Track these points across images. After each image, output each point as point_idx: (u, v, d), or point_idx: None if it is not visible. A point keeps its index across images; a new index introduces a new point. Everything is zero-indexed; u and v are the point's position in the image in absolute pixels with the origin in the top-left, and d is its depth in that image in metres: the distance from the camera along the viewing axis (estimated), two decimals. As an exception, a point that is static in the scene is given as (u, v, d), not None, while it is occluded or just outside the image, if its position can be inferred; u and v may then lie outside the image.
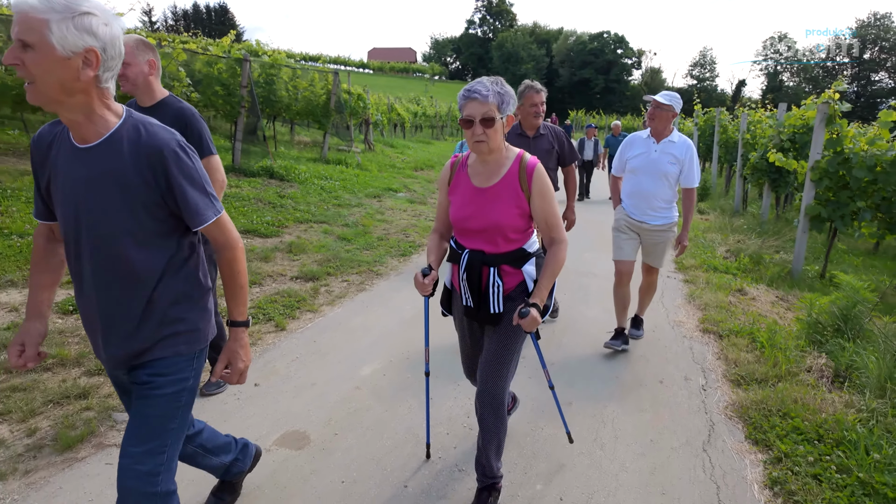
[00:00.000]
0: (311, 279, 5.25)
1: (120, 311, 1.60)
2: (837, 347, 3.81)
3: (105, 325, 1.62)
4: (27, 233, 5.15)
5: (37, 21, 1.33)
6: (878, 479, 2.46)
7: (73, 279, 1.66)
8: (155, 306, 1.62)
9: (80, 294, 1.64)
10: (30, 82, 1.40)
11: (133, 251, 1.56)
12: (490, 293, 2.17)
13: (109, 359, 1.66)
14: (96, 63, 1.41)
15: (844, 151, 6.22)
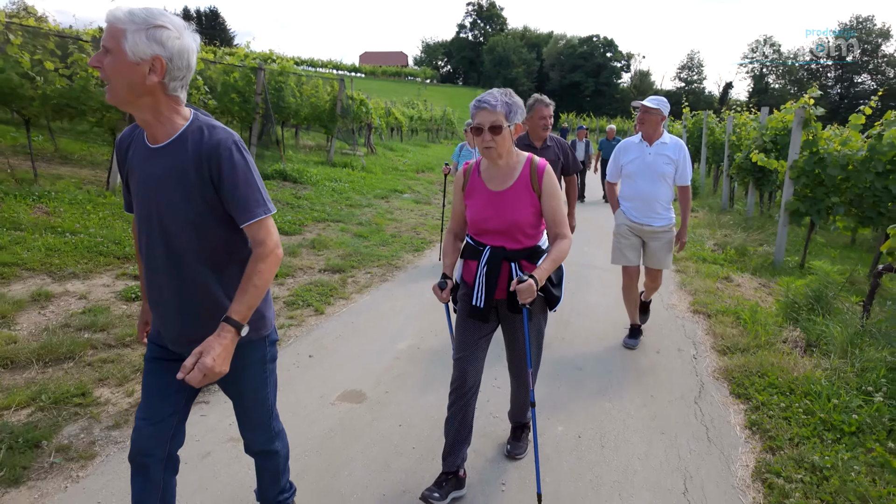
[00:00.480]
0: (337, 271, 5.75)
1: (188, 299, 1.71)
2: (810, 322, 4.39)
3: (179, 315, 1.73)
4: (77, 231, 5.62)
5: (117, 30, 1.49)
6: (836, 418, 3.01)
7: (145, 267, 1.78)
8: (221, 294, 1.72)
9: (153, 284, 1.76)
10: (107, 83, 1.56)
11: (195, 244, 1.67)
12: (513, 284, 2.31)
13: (182, 344, 1.75)
14: (161, 70, 1.53)
15: (819, 152, 6.83)
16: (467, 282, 2.46)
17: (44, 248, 5.05)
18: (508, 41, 72.99)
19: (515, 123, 2.25)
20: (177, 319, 1.74)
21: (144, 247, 1.72)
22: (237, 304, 1.59)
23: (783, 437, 2.94)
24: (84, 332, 3.81)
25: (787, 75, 69.91)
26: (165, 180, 1.63)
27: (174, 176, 1.62)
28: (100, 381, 3.26)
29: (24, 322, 3.87)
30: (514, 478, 2.59)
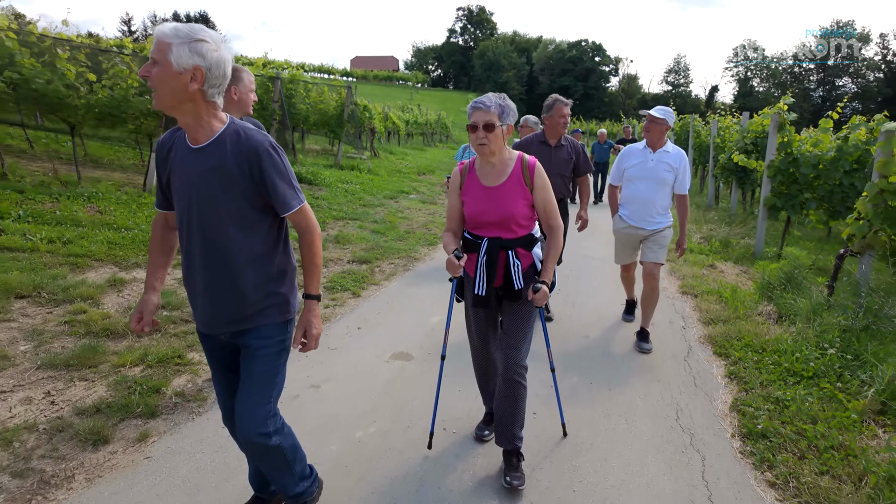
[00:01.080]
0: (364, 262, 6.40)
1: (225, 286, 1.87)
2: (782, 298, 5.11)
3: (211, 298, 1.89)
4: (130, 227, 6.23)
5: (164, 44, 1.67)
6: (797, 367, 3.72)
7: (183, 259, 1.93)
8: (254, 282, 1.89)
9: (190, 271, 1.93)
10: (154, 91, 1.73)
11: (235, 233, 1.83)
12: (512, 273, 2.50)
13: (214, 325, 1.93)
14: (201, 79, 1.70)
15: (793, 152, 7.59)
16: (470, 274, 2.63)
17: (105, 242, 5.66)
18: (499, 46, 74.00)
19: (507, 124, 2.46)
20: (210, 304, 1.90)
21: (185, 239, 1.89)
22: (309, 283, 1.96)
23: (755, 381, 3.64)
24: (160, 310, 4.43)
25: (771, 79, 71.48)
26: (206, 177, 1.79)
27: (215, 173, 1.79)
28: (188, 347, 3.89)
29: (108, 302, 4.49)
30: (542, 411, 3.25)
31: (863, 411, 3.14)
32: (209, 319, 1.94)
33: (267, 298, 1.92)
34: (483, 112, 2.40)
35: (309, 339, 1.95)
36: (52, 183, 7.31)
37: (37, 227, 5.69)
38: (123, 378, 3.35)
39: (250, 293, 1.89)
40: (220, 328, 1.93)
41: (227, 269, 1.86)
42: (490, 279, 2.52)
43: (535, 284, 2.44)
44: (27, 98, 7.01)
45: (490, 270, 2.51)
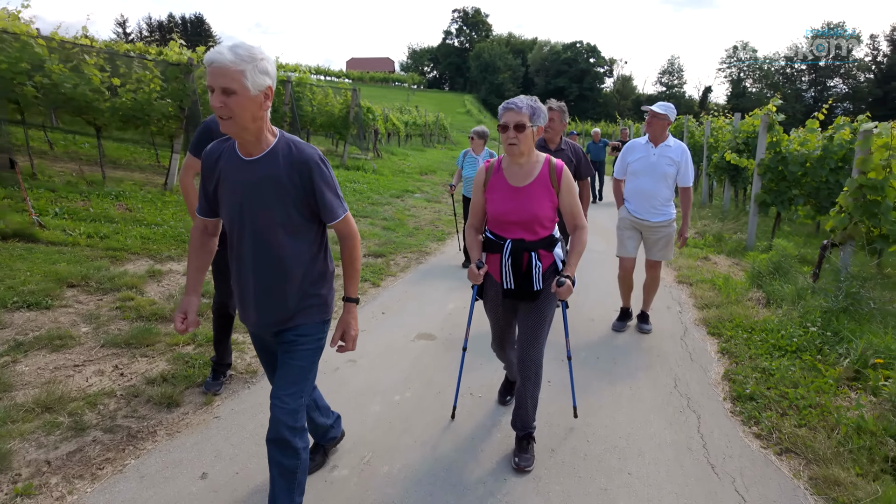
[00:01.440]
0: (379, 256, 6.79)
1: (272, 288, 1.97)
2: (770, 285, 5.53)
3: (259, 299, 1.99)
4: (159, 223, 6.60)
5: (236, 72, 1.70)
6: (782, 343, 4.15)
7: (233, 262, 2.03)
8: (299, 284, 1.99)
9: (239, 274, 2.03)
10: (227, 118, 1.75)
11: (284, 239, 1.93)
12: (532, 273, 2.57)
13: (261, 324, 2.04)
14: (271, 96, 1.82)
15: (782, 151, 8.04)
16: (494, 276, 2.69)
17: (139, 237, 6.03)
18: (494, 47, 74.50)
19: (538, 126, 2.52)
20: (260, 305, 2.00)
21: (235, 244, 1.98)
22: (349, 286, 2.08)
23: (744, 355, 4.06)
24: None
25: (764, 79, 72.25)
26: (260, 187, 1.88)
27: (268, 183, 1.87)
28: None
29: (151, 291, 4.87)
30: (556, 380, 3.66)
31: (838, 378, 3.56)
32: (257, 320, 2.04)
33: (309, 299, 2.03)
34: (515, 113, 2.47)
35: (347, 340, 2.07)
36: (79, 182, 7.66)
37: (74, 224, 6.06)
38: (179, 355, 3.73)
39: (295, 294, 2.00)
40: (267, 328, 2.05)
41: (277, 272, 1.96)
42: (517, 276, 2.61)
43: (560, 278, 2.49)
44: (56, 102, 7.37)
45: (516, 270, 2.59)
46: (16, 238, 5.37)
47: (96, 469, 2.56)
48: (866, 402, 3.21)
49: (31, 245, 5.32)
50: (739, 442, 2.99)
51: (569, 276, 2.51)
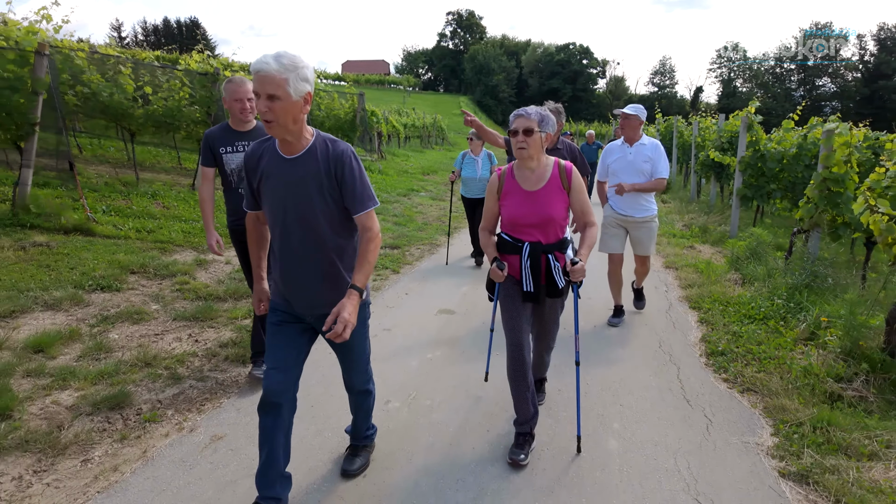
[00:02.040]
0: (395, 248, 7.46)
1: (316, 274, 2.15)
2: (746, 268, 6.24)
3: (304, 284, 2.17)
4: (195, 219, 7.24)
5: (280, 80, 1.86)
6: (752, 312, 4.85)
7: (279, 252, 2.19)
8: (339, 270, 2.17)
9: (284, 263, 2.19)
10: (270, 121, 1.92)
11: (326, 230, 2.10)
12: (554, 274, 2.72)
13: (307, 307, 2.22)
14: (310, 100, 1.97)
15: (761, 149, 8.77)
16: (513, 275, 2.79)
17: (181, 231, 6.69)
18: (488, 49, 75.26)
19: (546, 132, 2.66)
20: (309, 288, 2.18)
21: (279, 235, 2.14)
22: (358, 274, 2.06)
23: (719, 323, 4.76)
24: (242, 283, 5.47)
25: (754, 79, 73.37)
26: (301, 182, 2.06)
27: (309, 178, 2.05)
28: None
29: (201, 276, 5.52)
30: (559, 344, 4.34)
31: (796, 338, 4.26)
32: (307, 302, 2.21)
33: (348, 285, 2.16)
34: (524, 119, 2.64)
35: (339, 322, 1.95)
36: (115, 183, 8.30)
37: (122, 220, 6.70)
38: (240, 327, 4.40)
39: (340, 280, 2.18)
40: (315, 309, 2.20)
41: (322, 260, 2.14)
42: (535, 279, 2.74)
43: (574, 259, 2.62)
44: (94, 109, 8.02)
45: (534, 272, 2.72)
46: (76, 232, 6.01)
47: (199, 406, 3.23)
48: (815, 353, 3.91)
49: (90, 238, 5.97)
50: (710, 385, 3.68)
51: (580, 261, 2.62)
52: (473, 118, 4.53)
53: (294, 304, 2.25)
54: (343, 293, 2.08)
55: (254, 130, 3.30)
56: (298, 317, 2.28)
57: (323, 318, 2.12)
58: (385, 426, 3.04)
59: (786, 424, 3.12)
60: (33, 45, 5.62)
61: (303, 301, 2.22)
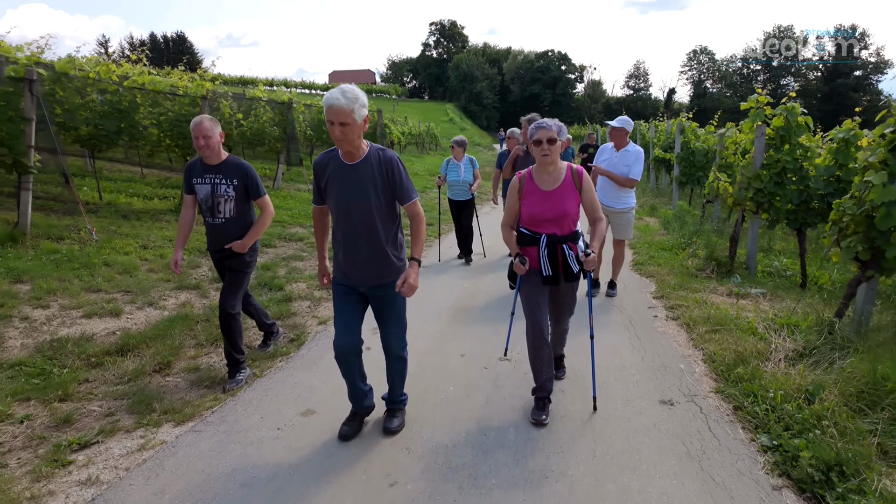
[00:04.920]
0: (430, 224, 10.46)
1: (375, 255, 2.79)
2: (671, 227, 9.36)
3: (363, 263, 2.80)
4: (285, 208, 10.18)
5: (348, 111, 2.50)
6: (665, 245, 7.96)
7: (342, 237, 2.80)
8: (391, 251, 2.83)
9: (346, 245, 2.79)
10: (340, 140, 2.57)
11: (380, 220, 2.75)
12: (569, 261, 3.14)
13: (363, 279, 2.84)
14: (367, 120, 2.61)
15: (691, 146, 11.97)
16: (532, 265, 3.20)
17: (289, 215, 9.63)
18: (471, 58, 78.48)
19: (562, 140, 3.14)
20: (364, 265, 2.81)
21: (344, 225, 2.77)
22: (415, 249, 2.81)
23: (644, 252, 7.83)
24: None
25: (722, 80, 77.64)
26: (361, 183, 2.68)
27: (367, 180, 2.68)
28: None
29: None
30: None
31: (685, 255, 7.36)
32: (363, 277, 2.83)
33: (398, 262, 2.86)
34: (546, 130, 3.03)
35: (407, 288, 2.69)
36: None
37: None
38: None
39: (390, 259, 2.82)
40: (368, 282, 2.85)
41: (376, 243, 2.76)
42: (553, 266, 3.12)
43: (588, 250, 3.05)
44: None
45: (552, 260, 3.11)
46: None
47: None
48: (692, 259, 7.02)
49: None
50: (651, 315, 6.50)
51: (593, 251, 3.06)
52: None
53: (351, 278, 2.86)
54: (389, 268, 2.82)
55: (222, 164, 3.59)
56: (354, 288, 2.90)
57: (374, 289, 2.86)
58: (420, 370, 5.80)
59: (663, 284, 6.23)
60: (202, 92, 8.55)
61: (359, 275, 2.84)
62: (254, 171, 3.71)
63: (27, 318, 4.54)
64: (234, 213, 3.62)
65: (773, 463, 2.79)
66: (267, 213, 3.75)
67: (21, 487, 2.61)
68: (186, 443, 3.02)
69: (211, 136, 3.48)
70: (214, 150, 3.53)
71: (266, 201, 3.74)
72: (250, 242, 3.68)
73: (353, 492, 2.63)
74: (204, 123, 3.47)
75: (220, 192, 3.56)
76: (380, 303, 2.92)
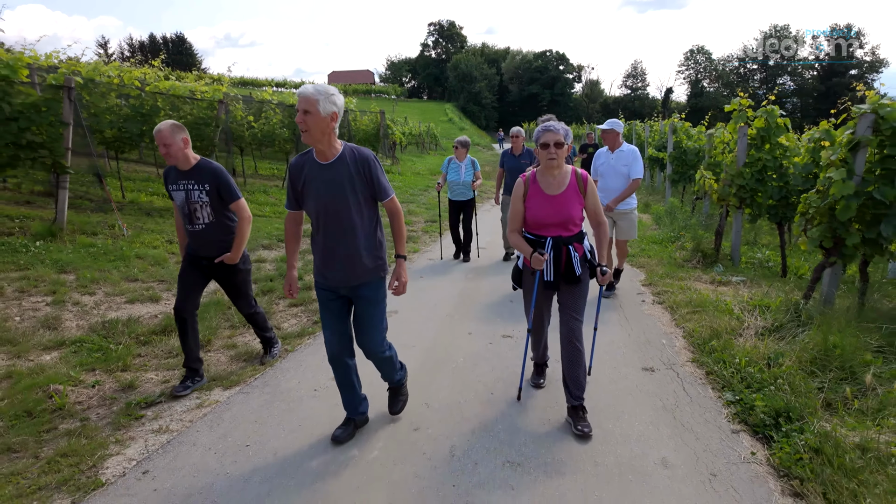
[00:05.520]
0: (433, 221, 10.99)
1: (352, 255, 2.76)
2: (663, 222, 9.89)
3: (341, 263, 2.77)
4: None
5: (313, 100, 2.55)
6: (656, 239, 8.49)
7: (321, 239, 2.79)
8: (368, 251, 2.80)
9: (327, 247, 2.78)
10: (304, 131, 2.59)
11: (357, 219, 2.74)
12: (573, 263, 3.12)
13: (343, 281, 2.81)
14: (335, 118, 2.62)
15: (682, 146, 12.50)
16: (527, 266, 3.30)
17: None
18: (470, 58, 78.95)
19: (568, 143, 3.13)
20: (343, 266, 2.79)
21: (322, 226, 2.76)
22: (399, 247, 2.86)
23: (637, 245, 8.36)
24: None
25: (719, 79, 78.21)
26: (336, 182, 2.69)
27: (343, 179, 2.69)
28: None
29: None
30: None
31: (675, 248, 7.88)
32: (342, 277, 2.80)
33: (375, 261, 2.85)
34: (553, 134, 3.04)
35: (399, 285, 2.79)
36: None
37: (258, 206, 10.16)
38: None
39: (366, 259, 2.80)
40: (346, 283, 2.82)
41: (353, 243, 2.75)
42: (557, 269, 3.13)
43: (602, 268, 3.13)
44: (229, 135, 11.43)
45: (556, 262, 3.12)
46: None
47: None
48: (680, 251, 7.54)
49: (251, 216, 9.41)
50: (639, 300, 7.15)
51: (604, 266, 3.12)
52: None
53: (330, 280, 2.84)
54: (368, 268, 2.81)
55: (193, 169, 3.52)
56: (335, 291, 2.87)
57: (354, 290, 2.84)
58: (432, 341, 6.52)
59: (652, 273, 6.76)
60: (219, 96, 9.06)
61: (338, 276, 2.82)
62: (226, 173, 3.59)
63: (78, 303, 5.06)
64: (211, 217, 3.57)
65: (734, 413, 3.33)
66: (243, 220, 3.63)
67: (105, 434, 3.13)
68: (238, 402, 3.55)
69: (171, 144, 3.39)
70: (177, 158, 3.44)
71: (241, 205, 3.62)
72: (239, 253, 3.67)
73: (384, 436, 3.15)
74: (163, 131, 3.38)
75: (194, 199, 3.52)
76: (361, 303, 2.90)
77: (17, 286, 5.22)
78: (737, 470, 2.78)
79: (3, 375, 3.70)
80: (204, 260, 3.70)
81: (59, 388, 3.54)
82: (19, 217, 7.21)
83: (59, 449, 2.95)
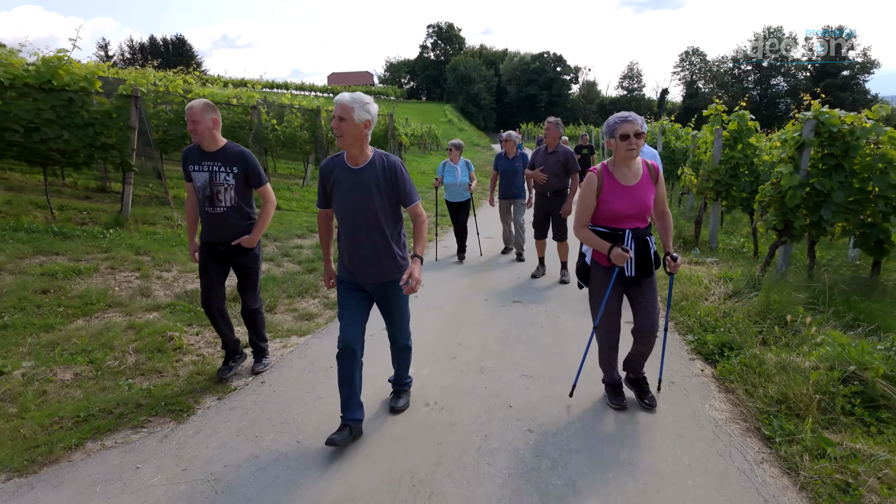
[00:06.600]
0: (443, 216, 12.02)
1: (380, 254, 2.99)
2: (652, 215, 10.98)
3: (368, 262, 2.99)
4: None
5: (348, 108, 2.73)
6: (644, 230, 9.57)
7: (347, 238, 2.97)
8: (392, 250, 3.02)
9: (351, 245, 2.97)
10: (339, 136, 2.79)
11: (384, 221, 2.94)
12: (650, 255, 3.17)
13: (370, 277, 3.03)
14: (369, 126, 2.80)
15: (671, 145, 13.58)
16: (599, 263, 3.26)
17: (320, 207, 11.20)
18: (469, 60, 79.94)
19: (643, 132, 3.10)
20: (369, 264, 3.00)
21: (350, 226, 2.96)
22: (417, 247, 2.97)
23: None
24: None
25: (714, 80, 79.43)
26: (366, 186, 2.88)
27: (371, 183, 2.88)
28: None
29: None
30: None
31: (659, 236, 8.94)
32: (369, 275, 3.02)
33: (401, 260, 3.07)
34: (632, 124, 3.07)
35: (412, 283, 2.83)
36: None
37: (286, 202, 11.20)
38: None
39: (393, 257, 3.03)
40: (374, 280, 3.05)
41: (381, 243, 2.98)
42: (638, 262, 3.11)
43: (674, 254, 3.16)
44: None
45: (638, 255, 3.11)
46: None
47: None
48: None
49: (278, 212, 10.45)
50: None
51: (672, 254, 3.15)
52: None
53: (357, 276, 3.04)
54: (392, 266, 3.01)
55: (220, 151, 3.53)
56: (360, 286, 3.09)
57: (378, 287, 3.06)
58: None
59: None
60: (253, 102, 10.10)
61: (364, 273, 3.02)
62: (254, 158, 3.63)
63: (160, 278, 6.10)
64: (234, 201, 3.57)
65: (693, 348, 4.41)
66: (269, 203, 3.70)
67: (220, 363, 4.18)
68: (313, 343, 4.61)
69: (199, 121, 3.39)
70: (203, 136, 3.43)
71: (267, 189, 3.67)
72: (259, 236, 3.69)
73: (429, 362, 4.21)
74: (194, 108, 3.39)
75: (219, 181, 3.51)
76: (384, 299, 3.14)
77: (107, 265, 6.25)
78: (690, 380, 3.86)
79: (127, 326, 4.75)
80: (221, 245, 3.68)
81: (175, 333, 4.59)
82: (86, 210, 8.24)
83: (192, 371, 4.01)
